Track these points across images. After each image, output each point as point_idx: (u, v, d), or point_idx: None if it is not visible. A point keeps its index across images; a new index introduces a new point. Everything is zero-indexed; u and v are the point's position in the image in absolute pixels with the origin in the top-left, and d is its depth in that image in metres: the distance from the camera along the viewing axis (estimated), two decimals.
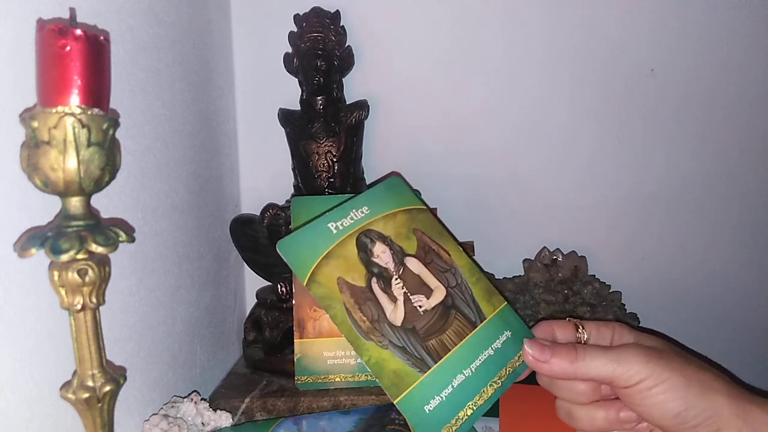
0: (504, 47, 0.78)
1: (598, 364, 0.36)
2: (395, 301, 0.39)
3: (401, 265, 0.41)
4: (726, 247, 0.80)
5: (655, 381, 0.35)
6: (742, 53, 0.77)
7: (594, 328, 0.41)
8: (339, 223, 0.42)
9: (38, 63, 0.31)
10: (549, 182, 0.80)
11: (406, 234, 0.42)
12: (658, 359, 0.35)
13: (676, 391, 0.34)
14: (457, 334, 0.39)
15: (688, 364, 0.36)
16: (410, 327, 0.38)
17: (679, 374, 0.35)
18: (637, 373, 0.35)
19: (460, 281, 0.42)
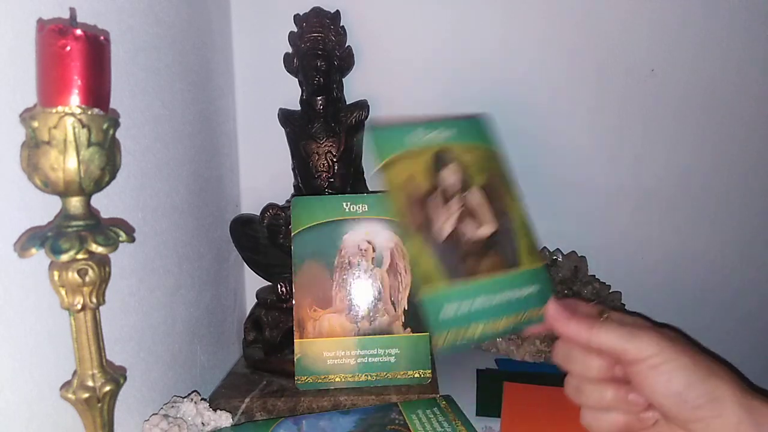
0: (503, 47, 0.78)
1: (612, 336, 0.37)
2: (448, 219, 0.41)
3: (465, 191, 0.42)
4: (726, 247, 0.80)
5: (663, 359, 0.36)
6: (742, 53, 0.77)
7: (617, 316, 0.41)
8: (426, 134, 0.45)
9: (38, 63, 0.31)
10: (549, 182, 0.80)
11: (480, 168, 0.44)
12: (670, 341, 0.36)
13: (682, 371, 0.35)
14: (490, 267, 0.40)
15: (699, 353, 0.37)
16: (451, 246, 0.40)
17: (687, 357, 0.36)
18: (647, 349, 0.36)
19: (511, 228, 0.44)
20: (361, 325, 0.59)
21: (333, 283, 0.60)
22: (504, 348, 0.71)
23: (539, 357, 0.69)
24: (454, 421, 0.50)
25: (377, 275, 0.60)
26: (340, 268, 0.60)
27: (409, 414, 0.51)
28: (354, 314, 0.59)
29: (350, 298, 0.59)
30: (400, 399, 0.57)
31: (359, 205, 0.60)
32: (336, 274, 0.60)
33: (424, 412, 0.51)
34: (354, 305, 0.59)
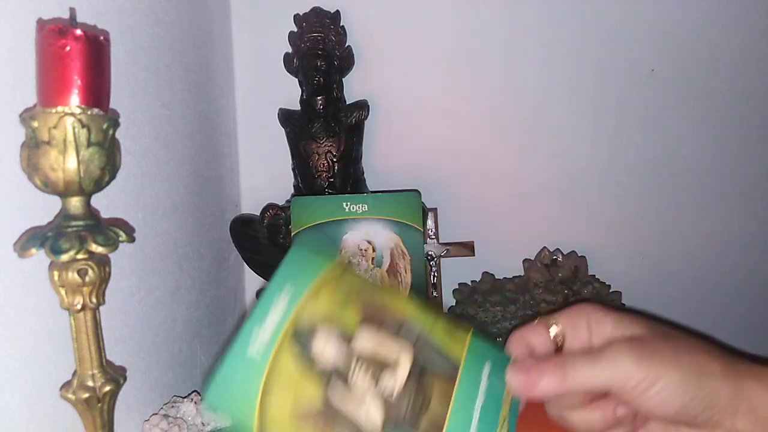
0: (504, 47, 0.78)
1: (589, 375, 0.34)
2: (365, 401, 0.31)
3: (352, 349, 0.32)
4: (726, 247, 0.80)
5: (651, 382, 0.34)
6: (742, 53, 0.77)
7: (567, 322, 0.39)
8: (259, 341, 0.31)
9: (38, 63, 0.31)
10: (549, 182, 0.80)
11: (341, 306, 0.33)
12: (650, 356, 0.34)
13: (674, 389, 0.34)
14: (442, 399, 0.32)
15: (680, 352, 0.35)
16: (393, 422, 0.31)
17: (674, 369, 0.34)
18: (632, 377, 0.34)
19: (419, 332, 0.35)
20: None
21: None
22: None
23: None
24: None
25: (377, 275, 0.60)
26: None
27: None
28: None
29: None
30: None
31: (359, 205, 0.60)
32: None
33: None
34: None
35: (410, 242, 0.60)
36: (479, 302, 0.75)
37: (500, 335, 0.71)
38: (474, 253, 0.80)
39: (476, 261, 0.80)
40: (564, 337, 0.39)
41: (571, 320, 0.38)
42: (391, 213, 0.60)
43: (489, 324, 0.73)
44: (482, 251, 0.80)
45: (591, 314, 0.38)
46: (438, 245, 0.79)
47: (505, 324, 0.72)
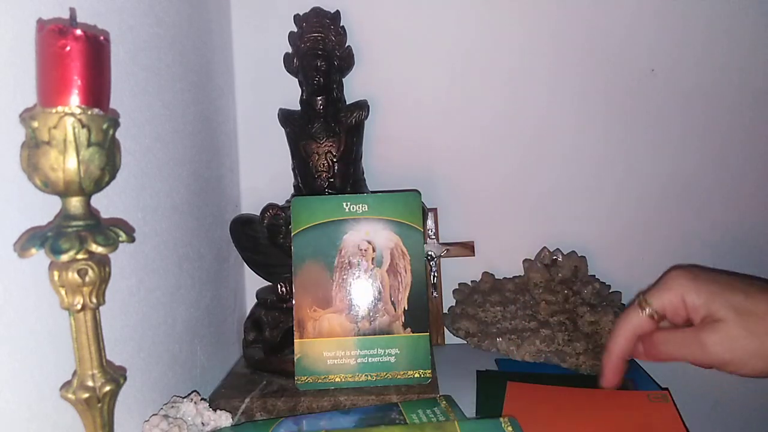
0: (504, 47, 0.78)
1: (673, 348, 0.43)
2: None
3: None
4: (727, 246, 0.80)
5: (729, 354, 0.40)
6: (742, 53, 0.77)
7: (660, 303, 0.44)
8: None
9: (38, 63, 0.31)
10: (549, 182, 0.80)
11: None
12: (726, 335, 0.40)
13: (746, 352, 0.39)
14: None
15: (740, 312, 0.40)
16: None
17: (746, 333, 0.39)
18: (716, 354, 0.40)
19: None
20: (361, 325, 0.59)
21: (333, 283, 0.60)
22: (504, 348, 0.71)
23: (539, 357, 0.69)
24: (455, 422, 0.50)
25: (377, 275, 0.60)
26: (340, 268, 0.60)
27: (409, 414, 0.51)
28: (354, 314, 0.59)
29: (350, 298, 0.59)
30: (400, 399, 0.57)
31: (359, 205, 0.60)
32: (336, 274, 0.60)
33: (424, 412, 0.51)
34: (354, 305, 0.59)
35: (410, 242, 0.60)
36: (479, 302, 0.75)
37: (500, 335, 0.71)
38: (474, 253, 0.80)
39: (476, 261, 0.80)
40: (663, 313, 0.44)
41: (663, 299, 0.44)
42: (391, 213, 0.60)
43: (489, 324, 0.73)
44: (482, 251, 0.80)
45: (684, 291, 0.43)
46: (438, 245, 0.79)
47: (505, 324, 0.72)
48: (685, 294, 0.42)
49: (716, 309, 0.40)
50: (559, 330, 0.69)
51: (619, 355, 0.46)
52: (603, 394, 0.58)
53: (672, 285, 0.43)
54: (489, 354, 0.72)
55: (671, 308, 0.44)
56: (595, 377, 0.65)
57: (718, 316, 0.40)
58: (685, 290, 0.42)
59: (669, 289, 0.43)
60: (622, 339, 0.45)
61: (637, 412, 0.54)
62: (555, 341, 0.69)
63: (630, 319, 0.45)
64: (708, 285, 0.42)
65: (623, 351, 0.46)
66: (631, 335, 0.45)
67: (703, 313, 0.41)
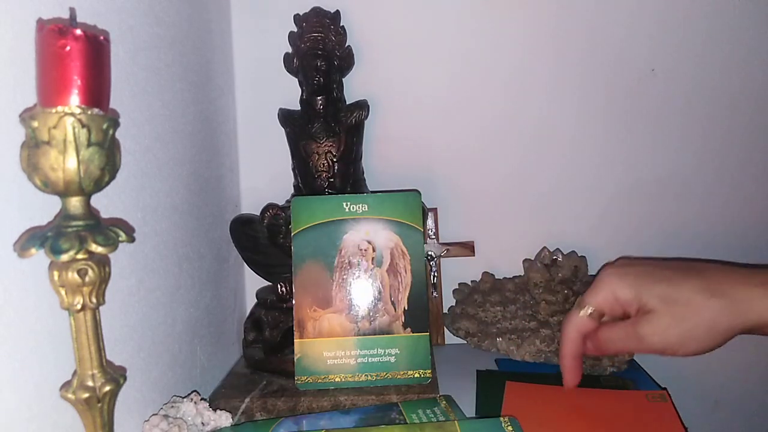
0: (504, 47, 0.78)
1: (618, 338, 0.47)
2: None
3: None
4: (727, 246, 0.80)
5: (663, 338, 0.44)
6: (742, 53, 0.77)
7: (596, 302, 0.47)
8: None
9: (38, 63, 0.31)
10: (549, 182, 0.80)
11: None
12: (658, 325, 0.43)
13: (678, 337, 0.43)
14: None
15: (667, 299, 0.43)
16: None
17: (674, 321, 0.43)
18: (653, 344, 0.44)
19: None
20: (361, 325, 0.59)
21: (333, 283, 0.60)
22: (504, 348, 0.71)
23: (539, 357, 0.69)
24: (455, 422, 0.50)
25: (377, 275, 0.60)
26: (340, 268, 0.60)
27: (409, 414, 0.51)
28: (354, 314, 0.59)
29: (350, 298, 0.59)
30: (400, 399, 0.57)
31: (359, 205, 0.60)
32: (336, 274, 0.60)
33: (424, 412, 0.51)
34: (354, 305, 0.59)
35: (410, 242, 0.60)
36: (479, 302, 0.75)
37: (500, 335, 0.71)
38: (474, 253, 0.80)
39: (476, 261, 0.80)
40: (601, 311, 0.47)
41: (597, 298, 0.47)
42: (391, 213, 0.60)
43: (489, 324, 0.73)
44: (482, 251, 0.80)
45: (615, 288, 0.46)
46: (438, 245, 0.79)
47: (505, 324, 0.72)
48: (616, 291, 0.46)
49: (645, 301, 0.44)
50: (559, 330, 0.69)
51: (571, 355, 0.49)
52: (602, 394, 0.59)
53: (603, 284, 0.47)
54: (489, 354, 0.72)
55: (607, 305, 0.47)
56: (595, 377, 0.65)
57: (648, 307, 0.44)
58: (616, 287, 0.46)
59: (601, 289, 0.47)
60: (569, 341, 0.49)
61: (635, 411, 0.54)
62: (555, 341, 0.69)
63: (572, 321, 0.49)
64: (635, 278, 0.45)
65: (573, 351, 0.49)
66: (576, 336, 0.49)
67: (636, 305, 0.45)
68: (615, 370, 0.66)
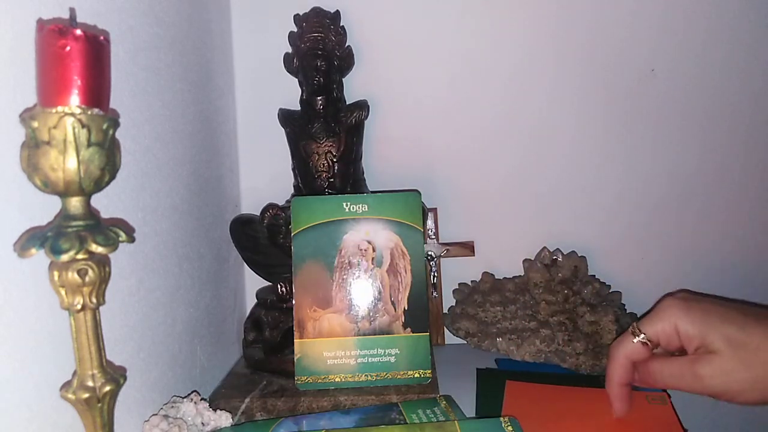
0: (504, 47, 0.78)
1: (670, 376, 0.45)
2: None
3: None
4: (727, 246, 0.80)
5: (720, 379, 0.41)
6: (742, 53, 0.77)
7: (653, 331, 0.45)
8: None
9: (38, 63, 0.31)
10: (549, 182, 0.80)
11: None
12: (720, 368, 0.41)
13: (728, 377, 0.41)
14: None
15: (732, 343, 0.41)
16: None
17: (740, 366, 0.40)
18: (710, 387, 0.42)
19: None
20: (361, 325, 0.59)
21: (333, 283, 0.60)
22: (504, 348, 0.71)
23: (539, 357, 0.69)
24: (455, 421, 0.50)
25: (377, 275, 0.60)
26: (340, 268, 0.60)
27: (409, 414, 0.51)
28: (354, 314, 0.59)
29: (350, 298, 0.59)
30: (400, 399, 0.57)
31: (359, 205, 0.60)
32: (336, 274, 0.60)
33: (424, 412, 0.51)
34: (354, 305, 0.59)
35: (410, 242, 0.60)
36: (479, 302, 0.75)
37: (500, 335, 0.71)
38: (474, 253, 0.80)
39: (476, 261, 0.80)
40: (656, 342, 0.46)
41: (656, 328, 0.45)
42: (391, 213, 0.60)
43: (489, 324, 0.73)
44: (482, 251, 0.80)
45: (678, 320, 0.44)
46: (438, 245, 0.79)
47: (505, 324, 0.72)
48: (679, 324, 0.43)
49: (711, 341, 0.41)
50: (559, 330, 0.69)
51: (620, 382, 0.48)
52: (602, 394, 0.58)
53: (665, 315, 0.44)
54: (489, 354, 0.72)
55: (664, 337, 0.45)
56: (595, 377, 0.65)
57: (713, 348, 0.41)
58: (679, 320, 0.43)
59: (662, 319, 0.44)
60: (618, 366, 0.47)
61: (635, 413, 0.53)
62: (555, 341, 0.69)
63: (624, 346, 0.47)
64: (701, 315, 0.43)
65: (621, 377, 0.47)
66: (626, 362, 0.47)
67: (697, 343, 0.42)
68: None
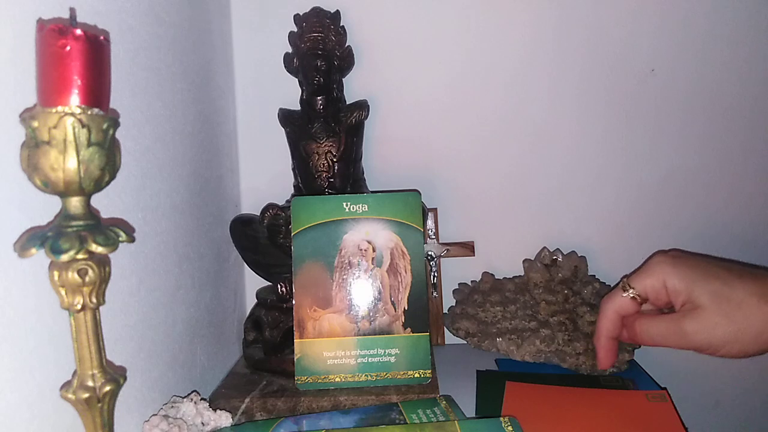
0: (504, 46, 0.78)
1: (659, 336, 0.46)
2: None
3: None
4: (727, 246, 0.80)
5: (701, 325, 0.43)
6: (742, 53, 0.77)
7: (642, 287, 0.47)
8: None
9: (38, 63, 0.31)
10: (549, 182, 0.80)
11: None
12: (706, 322, 0.42)
13: (721, 330, 0.42)
14: None
15: (721, 297, 0.42)
16: None
17: (724, 321, 0.41)
18: (695, 341, 0.43)
19: None
20: (361, 325, 0.59)
21: (333, 283, 0.60)
22: (504, 348, 0.71)
23: (539, 357, 0.69)
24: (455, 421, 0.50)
25: (377, 275, 0.60)
26: (340, 268, 0.60)
27: (409, 414, 0.51)
28: (354, 314, 0.59)
29: (350, 298, 0.59)
30: (400, 399, 0.57)
31: (359, 205, 0.60)
32: (336, 274, 0.60)
33: (424, 412, 0.51)
34: (354, 305, 0.59)
35: (410, 242, 0.60)
36: (479, 302, 0.75)
37: (500, 335, 0.71)
38: (474, 253, 0.80)
39: (476, 261, 0.80)
40: (645, 297, 0.47)
41: (645, 283, 0.47)
42: (391, 213, 0.60)
43: (489, 324, 0.73)
44: (482, 251, 0.80)
45: (666, 276, 0.45)
46: (438, 245, 0.79)
47: (505, 324, 0.72)
48: (667, 279, 0.45)
49: (696, 295, 0.43)
50: (559, 330, 0.69)
51: (608, 335, 0.49)
52: (602, 394, 0.59)
53: (654, 271, 0.46)
54: (489, 354, 0.72)
55: (653, 292, 0.46)
56: (595, 377, 0.65)
57: (698, 302, 0.43)
58: (667, 275, 0.45)
59: (651, 275, 0.46)
60: (608, 320, 0.49)
61: (635, 411, 0.54)
62: (555, 341, 0.69)
63: (614, 300, 0.48)
64: (688, 271, 0.44)
65: (610, 331, 0.49)
66: (615, 316, 0.48)
67: (684, 298, 0.44)
68: (615, 370, 0.66)
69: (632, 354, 0.68)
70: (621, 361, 0.66)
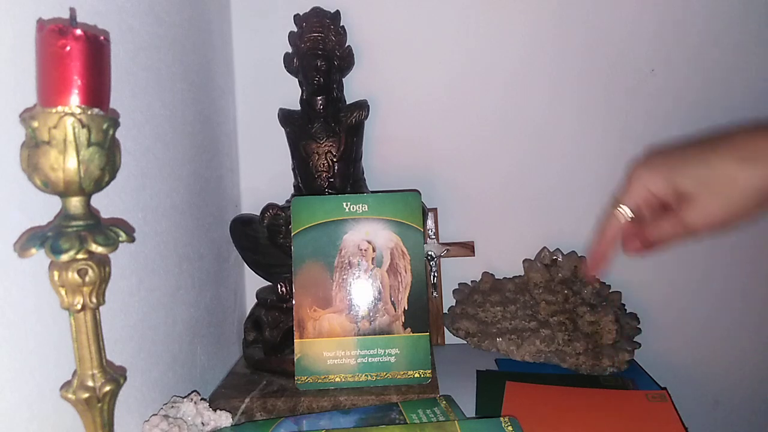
0: (504, 47, 0.78)
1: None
2: None
3: None
4: (726, 246, 0.80)
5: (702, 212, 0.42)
6: (742, 53, 0.77)
7: (632, 200, 0.46)
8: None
9: (38, 63, 0.31)
10: (549, 182, 0.80)
11: None
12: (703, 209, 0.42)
13: (720, 215, 0.42)
14: None
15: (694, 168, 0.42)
16: None
17: (718, 201, 0.41)
18: (698, 227, 0.43)
19: None
20: (361, 325, 0.59)
21: (333, 283, 0.60)
22: (504, 348, 0.71)
23: (539, 357, 0.69)
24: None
25: (377, 275, 0.60)
26: (340, 268, 0.60)
27: (409, 414, 0.51)
28: (354, 314, 0.59)
29: (350, 298, 0.59)
30: (400, 399, 0.57)
31: (359, 205, 0.60)
32: (336, 274, 0.60)
33: (424, 412, 0.51)
34: (354, 305, 0.59)
35: (410, 242, 0.60)
36: (479, 302, 0.75)
37: (500, 335, 0.71)
38: (474, 253, 0.80)
39: (476, 261, 0.80)
40: (638, 209, 0.46)
41: (632, 197, 0.46)
42: (391, 213, 0.60)
43: (489, 324, 0.73)
44: (482, 251, 0.80)
45: (647, 182, 0.45)
46: (438, 245, 0.79)
47: (505, 324, 0.72)
48: (649, 185, 0.45)
49: (683, 187, 0.43)
50: (559, 330, 0.69)
51: (604, 241, 0.48)
52: (602, 394, 0.59)
53: (635, 185, 0.46)
54: (489, 354, 0.72)
55: (644, 203, 0.46)
56: (595, 377, 0.65)
57: (687, 191, 0.43)
58: (647, 182, 0.45)
59: (634, 190, 0.46)
60: (609, 231, 0.48)
61: (635, 411, 0.54)
62: (555, 341, 0.69)
63: (612, 220, 0.48)
64: (665, 168, 0.44)
65: (609, 239, 0.48)
66: (615, 231, 0.48)
67: (673, 194, 0.44)
68: (615, 370, 0.66)
69: (632, 354, 0.68)
70: (620, 361, 0.66)
